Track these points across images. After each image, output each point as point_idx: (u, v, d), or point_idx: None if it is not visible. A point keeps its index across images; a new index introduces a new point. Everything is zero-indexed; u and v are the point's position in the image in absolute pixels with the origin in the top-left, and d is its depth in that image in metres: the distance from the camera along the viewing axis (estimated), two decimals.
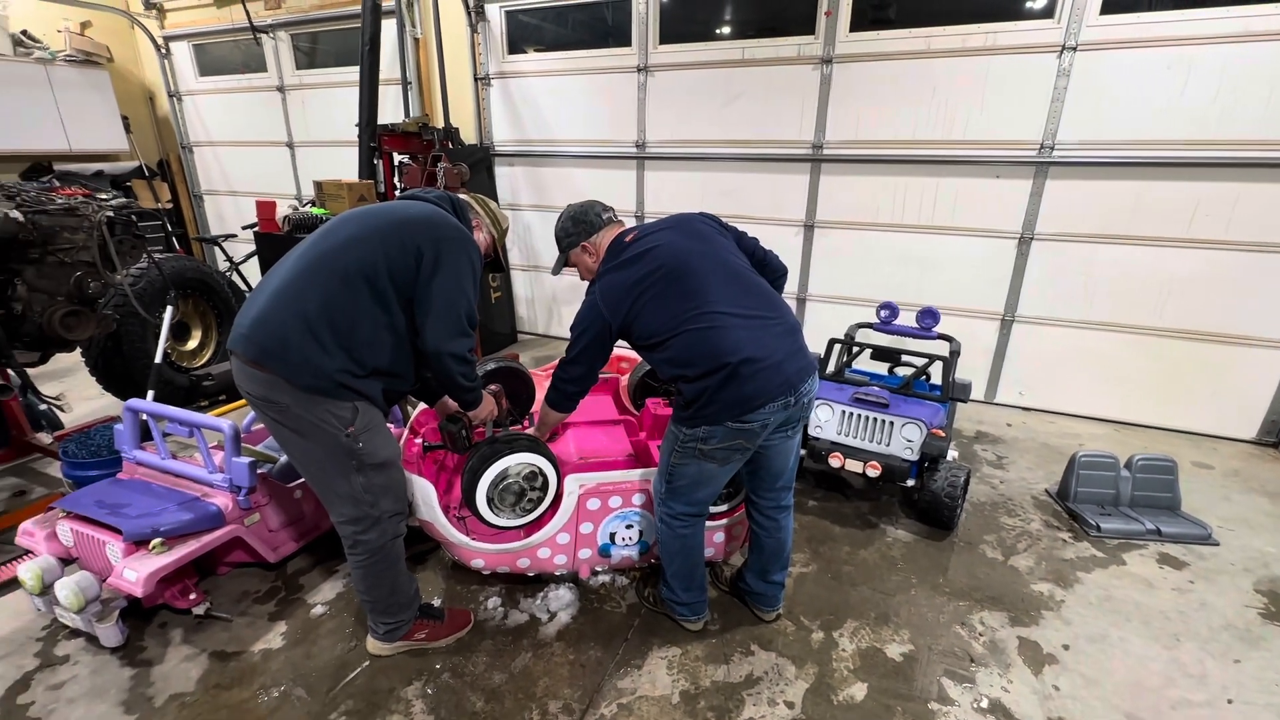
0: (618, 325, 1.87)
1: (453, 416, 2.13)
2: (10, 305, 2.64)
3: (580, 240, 2.03)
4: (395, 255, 1.68)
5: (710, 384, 1.73)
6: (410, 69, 5.13)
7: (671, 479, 1.96)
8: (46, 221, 2.64)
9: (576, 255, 2.06)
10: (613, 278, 1.89)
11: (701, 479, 1.92)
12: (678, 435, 1.88)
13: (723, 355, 1.72)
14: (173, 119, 6.87)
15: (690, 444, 1.85)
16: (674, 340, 1.78)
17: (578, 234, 2.03)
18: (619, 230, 2.03)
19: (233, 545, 2.34)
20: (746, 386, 1.72)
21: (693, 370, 1.76)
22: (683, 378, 1.79)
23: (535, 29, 4.98)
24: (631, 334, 1.88)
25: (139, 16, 6.42)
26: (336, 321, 1.65)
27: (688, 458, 1.88)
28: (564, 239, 2.07)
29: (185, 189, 7.15)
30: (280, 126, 6.21)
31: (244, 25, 5.79)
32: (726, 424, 1.76)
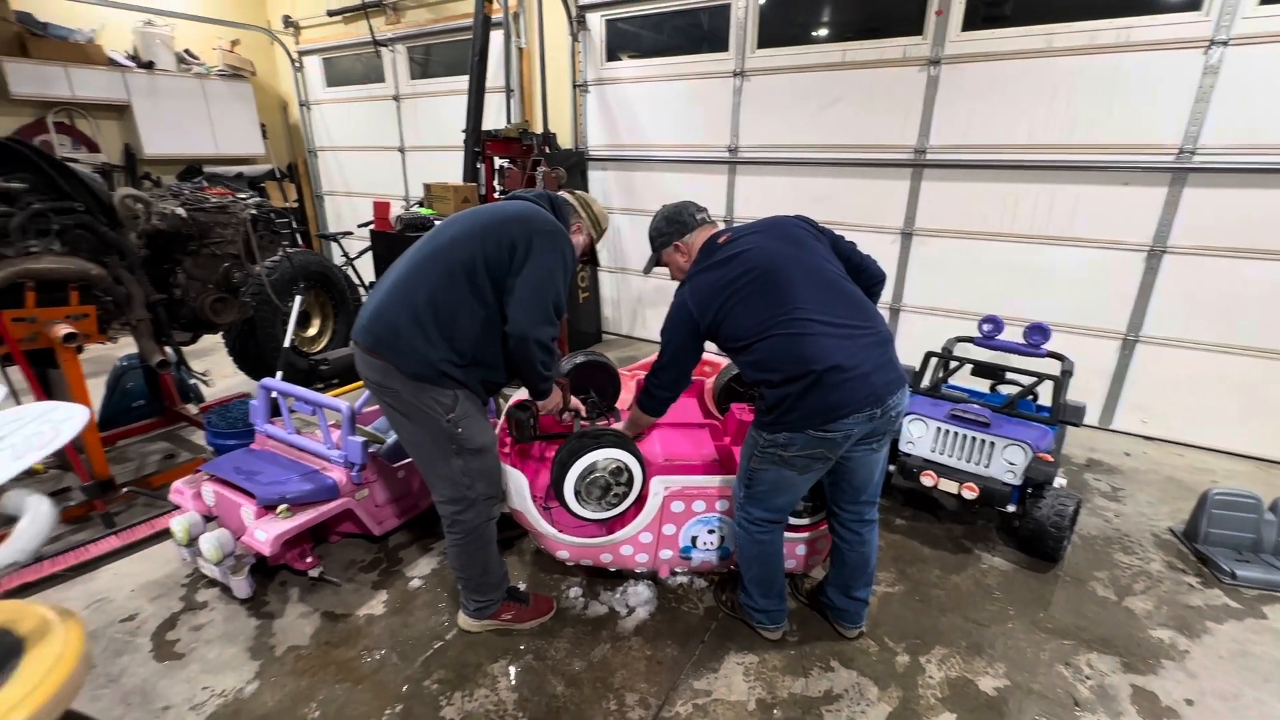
0: (706, 326, 1.88)
1: (522, 404, 2.23)
2: (171, 291, 3.02)
3: (673, 239, 2.06)
4: (492, 250, 1.80)
5: (793, 390, 1.72)
6: (513, 77, 5.38)
7: (751, 484, 1.95)
8: (204, 218, 2.99)
9: (669, 254, 2.09)
10: (703, 278, 1.90)
11: (780, 485, 1.90)
12: (758, 440, 1.87)
13: (808, 362, 1.70)
14: (302, 126, 7.56)
15: (770, 449, 1.84)
16: (760, 344, 1.78)
17: (671, 233, 2.06)
18: (712, 231, 2.05)
19: (343, 516, 2.55)
20: (831, 395, 1.70)
21: (777, 375, 1.75)
22: (766, 382, 1.79)
23: (633, 36, 5.09)
24: (719, 335, 1.89)
25: (279, 34, 7.12)
26: (440, 314, 1.78)
27: (767, 463, 1.87)
28: (657, 238, 2.10)
29: (309, 190, 7.84)
30: (394, 132, 6.69)
31: (367, 39, 6.29)
32: (808, 431, 1.74)
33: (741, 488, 2.00)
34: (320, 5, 6.61)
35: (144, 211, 2.78)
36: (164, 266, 3.03)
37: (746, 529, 2.02)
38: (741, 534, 2.04)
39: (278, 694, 1.94)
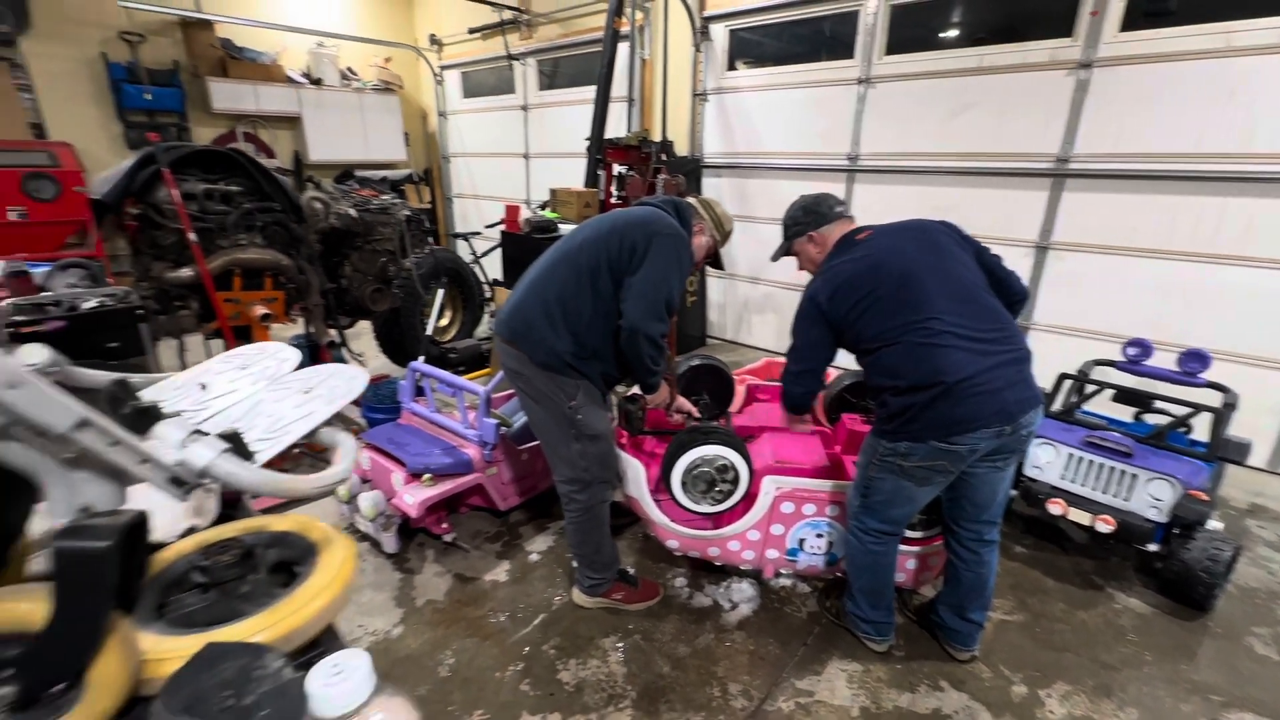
0: (835, 320, 1.86)
1: (631, 397, 2.36)
2: (339, 281, 3.46)
3: (809, 230, 2.04)
4: (614, 251, 1.94)
5: (919, 399, 1.70)
6: (635, 87, 5.60)
7: (867, 493, 1.95)
8: (369, 218, 3.41)
9: (801, 245, 2.08)
10: (837, 271, 1.88)
11: (898, 496, 1.88)
12: (877, 448, 1.86)
13: (939, 373, 1.67)
14: (439, 134, 8.26)
15: (890, 458, 1.82)
16: (889, 349, 1.76)
17: (807, 223, 2.05)
18: (850, 226, 2.02)
19: (474, 490, 2.81)
20: (958, 408, 1.67)
21: (903, 382, 1.73)
22: (892, 389, 1.77)
23: (754, 45, 5.14)
24: (846, 333, 1.87)
25: (425, 51, 7.82)
26: (567, 310, 1.96)
27: (885, 472, 1.85)
28: (792, 226, 2.09)
29: (440, 193, 8.54)
30: (520, 140, 7.15)
31: (502, 54, 6.77)
32: (930, 442, 1.72)
33: (857, 496, 2.00)
34: (462, 24, 7.19)
35: (324, 211, 3.22)
36: (334, 260, 3.48)
37: (860, 538, 2.02)
38: (854, 543, 2.05)
39: (419, 639, 2.20)
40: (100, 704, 0.60)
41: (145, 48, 6.08)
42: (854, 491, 2.03)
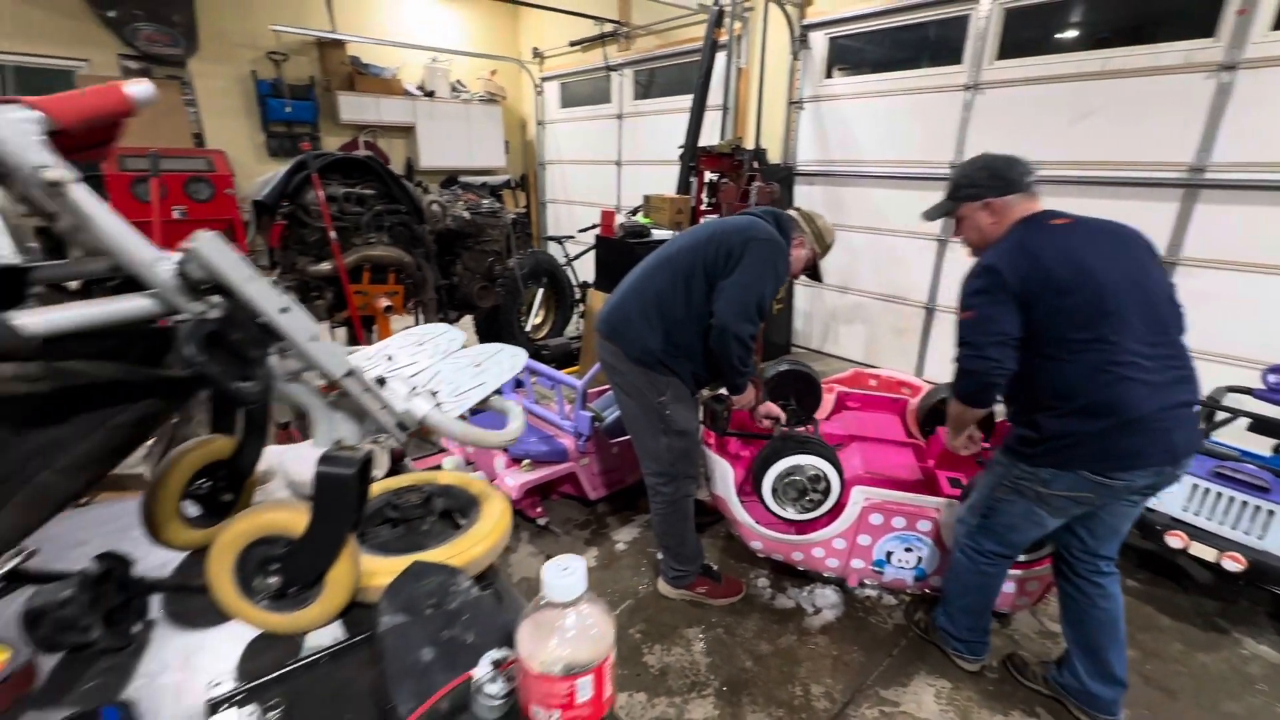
0: (1024, 300, 1.59)
1: (718, 397, 2.42)
2: (451, 278, 3.75)
3: (988, 195, 1.75)
4: (711, 255, 2.03)
5: (1086, 428, 1.56)
6: (730, 96, 5.67)
7: (989, 514, 1.83)
8: (480, 221, 3.67)
9: (972, 210, 1.79)
10: (1033, 254, 1.61)
11: (1025, 522, 1.76)
12: (1011, 469, 1.73)
13: (1118, 405, 1.53)
14: (536, 142, 8.66)
15: (1026, 482, 1.69)
16: (1066, 363, 1.58)
17: (988, 187, 1.75)
18: (1038, 206, 1.75)
19: (566, 478, 2.97)
20: (1127, 443, 1.54)
21: (1071, 404, 1.58)
22: (1051, 408, 1.61)
23: (854, 52, 5.08)
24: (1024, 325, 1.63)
25: (527, 63, 8.24)
26: (663, 308, 2.06)
27: (1017, 495, 1.73)
28: (965, 187, 1.80)
29: (535, 198, 8.94)
30: (613, 147, 7.38)
31: (601, 65, 7.03)
32: (1080, 473, 1.59)
33: (975, 516, 1.90)
34: (563, 37, 7.53)
35: (442, 214, 3.51)
36: (447, 258, 3.77)
37: (971, 558, 1.93)
38: (964, 561, 1.96)
39: None
40: (334, 600, 0.75)
41: (287, 66, 6.79)
42: (971, 510, 1.93)
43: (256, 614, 0.75)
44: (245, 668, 0.73)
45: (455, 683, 0.58)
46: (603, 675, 0.53)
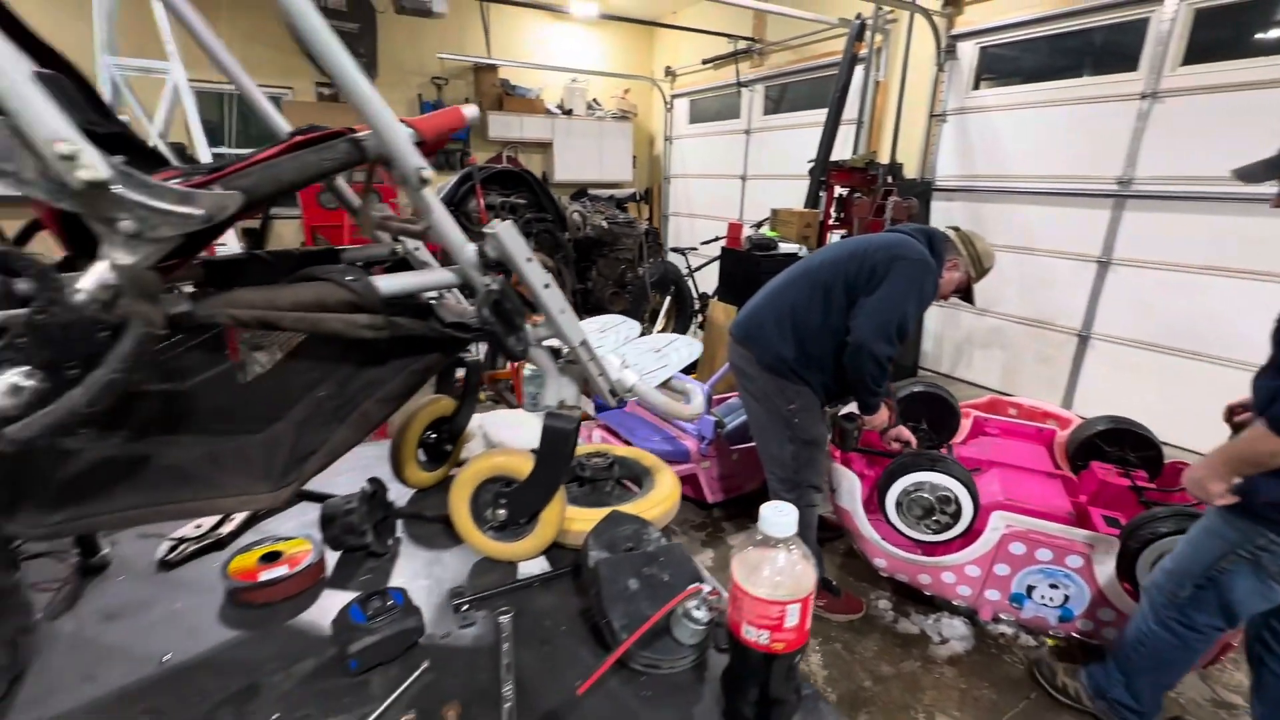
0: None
1: (849, 415, 2.38)
2: (586, 282, 4.00)
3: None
4: (854, 270, 2.02)
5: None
6: (865, 110, 5.56)
7: (1209, 585, 1.60)
8: (617, 230, 3.90)
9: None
10: None
11: (1255, 597, 1.55)
12: (1251, 537, 1.50)
13: None
14: (662, 157, 8.94)
15: (1271, 553, 1.47)
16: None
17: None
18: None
19: (686, 479, 3.07)
20: None
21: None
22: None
23: (1006, 61, 4.81)
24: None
25: (659, 81, 8.55)
26: (797, 320, 2.08)
27: (1253, 568, 1.50)
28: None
29: (658, 210, 9.21)
30: (739, 162, 7.46)
31: (732, 82, 7.15)
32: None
33: (1187, 585, 1.65)
34: (696, 55, 7.74)
35: (582, 223, 3.77)
36: (583, 264, 4.04)
37: (1177, 632, 1.70)
38: (1163, 634, 1.72)
39: None
40: (545, 536, 0.89)
41: (448, 89, 7.55)
42: (1177, 578, 1.68)
43: (483, 541, 0.91)
44: (474, 582, 0.88)
45: (667, 608, 0.69)
46: (807, 607, 0.61)
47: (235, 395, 0.68)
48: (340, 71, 0.60)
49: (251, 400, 0.68)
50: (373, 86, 0.62)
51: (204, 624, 0.80)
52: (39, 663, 0.72)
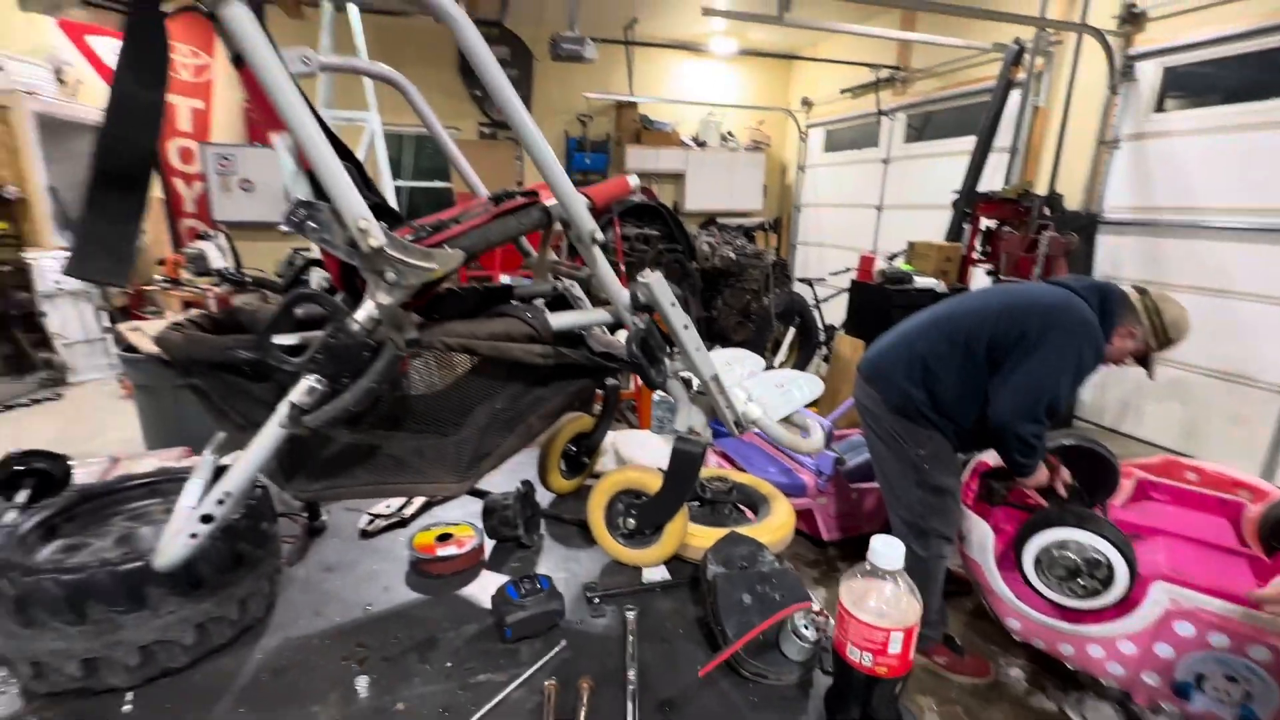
0: None
1: (996, 472, 2.21)
2: (711, 311, 4.11)
3: None
4: (1001, 328, 1.85)
5: None
6: (1021, 137, 5.20)
7: None
8: (744, 261, 3.98)
9: None
10: None
11: None
12: None
13: None
14: (794, 186, 8.90)
15: None
16: None
17: None
18: None
19: (801, 514, 3.03)
20: None
21: None
22: None
23: (1197, 80, 4.28)
24: None
25: (794, 112, 8.57)
26: (930, 368, 1.98)
27: None
28: None
29: (786, 239, 9.15)
30: (875, 192, 7.24)
31: (871, 111, 7.00)
32: None
33: None
34: (834, 86, 7.67)
35: (711, 253, 3.89)
36: (709, 293, 4.16)
37: None
38: None
39: None
40: (667, 547, 1.00)
41: (591, 124, 8.12)
42: None
43: (614, 545, 1.03)
44: (604, 580, 1.01)
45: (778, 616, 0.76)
46: (910, 637, 0.65)
47: (436, 404, 0.86)
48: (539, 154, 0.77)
49: (448, 409, 0.86)
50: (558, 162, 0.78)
51: (395, 584, 1.00)
52: (282, 597, 0.95)
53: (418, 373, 0.84)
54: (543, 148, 0.75)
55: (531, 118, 0.77)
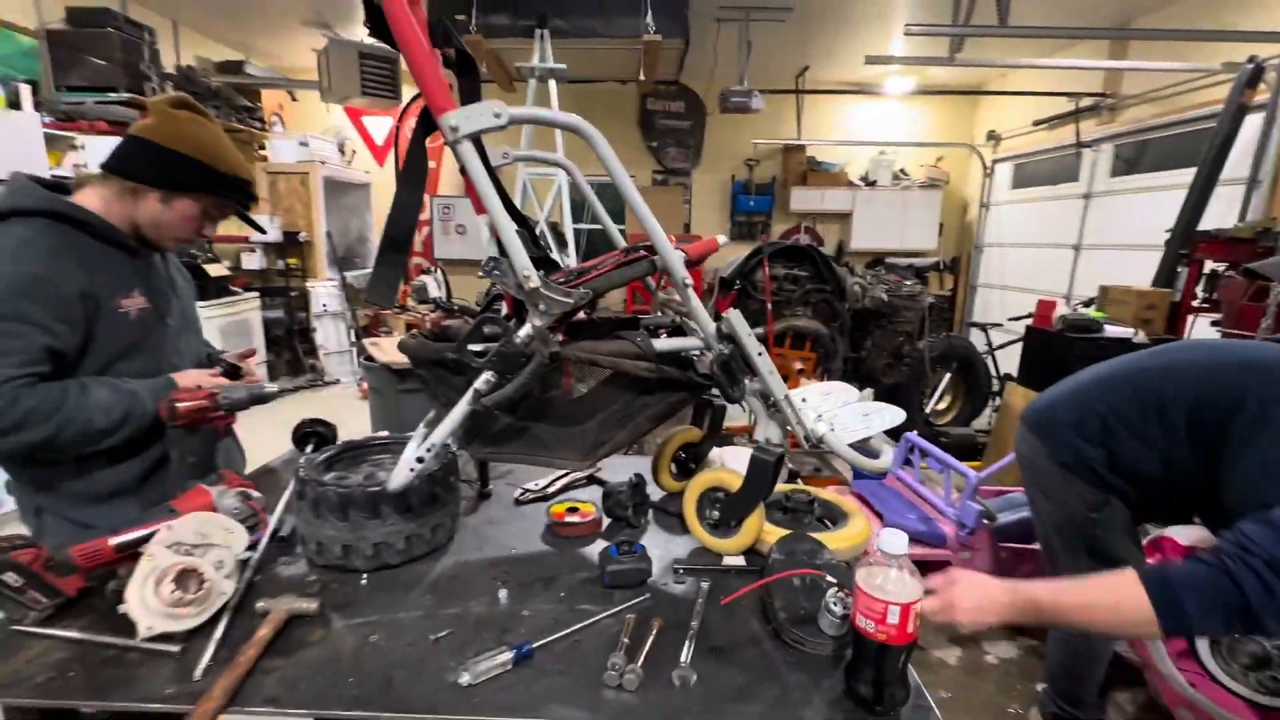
0: None
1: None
2: (860, 352, 4.09)
3: None
4: (1208, 394, 1.49)
5: None
6: (1265, 167, 4.43)
7: None
8: (898, 302, 3.92)
9: None
10: None
11: None
12: None
13: None
14: (975, 224, 8.30)
15: None
16: None
17: None
18: None
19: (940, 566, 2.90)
20: None
21: None
22: None
23: None
24: None
25: (979, 147, 8.06)
26: (1110, 428, 1.70)
27: None
28: None
29: (965, 281, 8.52)
30: (1073, 230, 6.52)
31: (1069, 143, 6.38)
32: None
33: None
34: (1025, 118, 7.11)
35: (861, 294, 3.90)
36: (859, 334, 4.14)
37: None
38: None
39: None
40: (745, 539, 1.20)
41: (758, 168, 8.42)
42: None
43: (700, 532, 1.25)
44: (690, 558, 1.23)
45: (800, 571, 0.93)
46: (907, 613, 0.78)
47: (569, 403, 1.17)
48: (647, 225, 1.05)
49: (576, 407, 1.16)
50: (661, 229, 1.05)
51: (533, 538, 1.33)
52: (458, 534, 1.32)
53: (570, 380, 1.16)
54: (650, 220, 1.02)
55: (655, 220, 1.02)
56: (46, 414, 1.14)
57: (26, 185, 1.23)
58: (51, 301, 1.16)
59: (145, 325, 1.32)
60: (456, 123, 0.91)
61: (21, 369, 1.13)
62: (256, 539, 1.16)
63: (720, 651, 0.95)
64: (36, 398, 1.14)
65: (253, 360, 1.59)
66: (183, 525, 1.03)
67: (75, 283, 1.19)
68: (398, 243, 1.02)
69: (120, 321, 1.27)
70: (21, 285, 1.13)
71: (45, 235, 1.19)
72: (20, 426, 1.12)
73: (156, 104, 1.28)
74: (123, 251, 1.30)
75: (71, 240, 1.22)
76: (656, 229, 1.03)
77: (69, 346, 1.20)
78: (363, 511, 1.11)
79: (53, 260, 1.17)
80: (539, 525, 1.37)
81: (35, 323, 1.14)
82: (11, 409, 1.11)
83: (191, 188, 1.29)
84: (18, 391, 1.12)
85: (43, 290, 1.15)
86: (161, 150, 1.23)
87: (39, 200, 1.20)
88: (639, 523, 1.36)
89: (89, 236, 1.24)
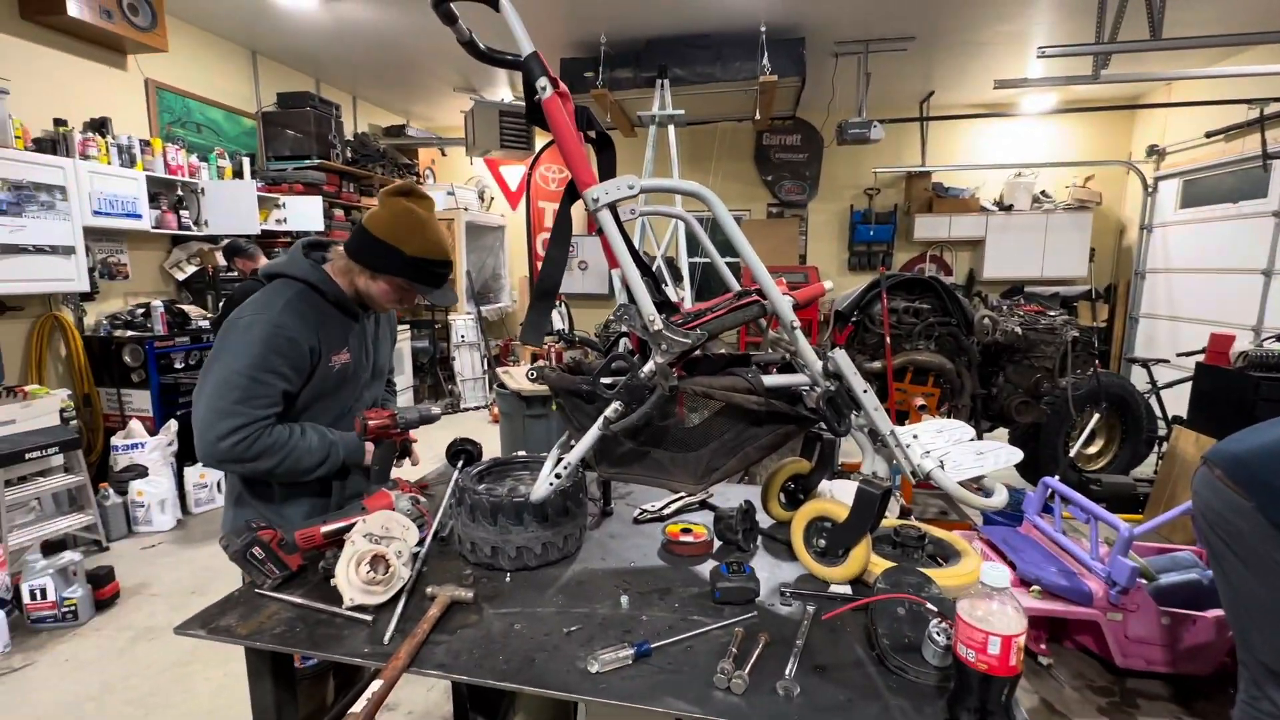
0: None
1: None
2: (990, 388, 3.84)
3: None
4: None
5: None
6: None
7: None
8: (1034, 336, 3.66)
9: None
10: None
11: None
12: None
13: None
14: (1135, 249, 7.45)
15: None
16: None
17: None
18: None
19: (1086, 627, 2.64)
20: None
21: None
22: None
23: None
24: None
25: (1137, 163, 7.28)
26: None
27: None
28: None
29: (1124, 311, 7.63)
30: (1260, 253, 5.68)
31: (1253, 155, 5.61)
32: None
33: None
34: (1196, 129, 6.35)
35: (991, 327, 3.69)
36: (990, 369, 3.90)
37: None
38: None
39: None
40: (851, 569, 1.24)
41: (878, 197, 8.19)
42: None
43: (808, 559, 1.31)
44: (797, 583, 1.29)
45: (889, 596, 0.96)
46: (1009, 645, 0.81)
47: (685, 431, 1.30)
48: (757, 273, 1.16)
49: (691, 435, 1.29)
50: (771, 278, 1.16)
51: (650, 554, 1.46)
52: (585, 545, 1.48)
53: (685, 412, 1.29)
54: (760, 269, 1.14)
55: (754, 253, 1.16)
56: (275, 451, 1.44)
57: (297, 255, 1.57)
58: (293, 355, 1.46)
59: (343, 376, 1.62)
60: (598, 195, 1.10)
61: (267, 409, 1.45)
62: (423, 536, 1.40)
63: (823, 670, 1.01)
64: (273, 437, 1.44)
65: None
66: (373, 520, 1.29)
67: (309, 339, 1.49)
68: (549, 293, 1.23)
69: (328, 373, 1.57)
70: (275, 341, 1.43)
71: (300, 298, 1.51)
72: (257, 458, 1.43)
73: (383, 193, 1.58)
74: (346, 315, 1.61)
75: (314, 304, 1.53)
76: (767, 278, 1.14)
77: (297, 389, 1.51)
78: (509, 518, 1.31)
79: (299, 320, 1.48)
80: (655, 542, 1.50)
81: (279, 372, 1.45)
82: (256, 444, 1.42)
83: (386, 270, 1.54)
84: (261, 430, 1.43)
85: (289, 345, 1.45)
86: (368, 236, 1.51)
87: (302, 270, 1.53)
88: (748, 547, 1.44)
89: (326, 300, 1.56)
